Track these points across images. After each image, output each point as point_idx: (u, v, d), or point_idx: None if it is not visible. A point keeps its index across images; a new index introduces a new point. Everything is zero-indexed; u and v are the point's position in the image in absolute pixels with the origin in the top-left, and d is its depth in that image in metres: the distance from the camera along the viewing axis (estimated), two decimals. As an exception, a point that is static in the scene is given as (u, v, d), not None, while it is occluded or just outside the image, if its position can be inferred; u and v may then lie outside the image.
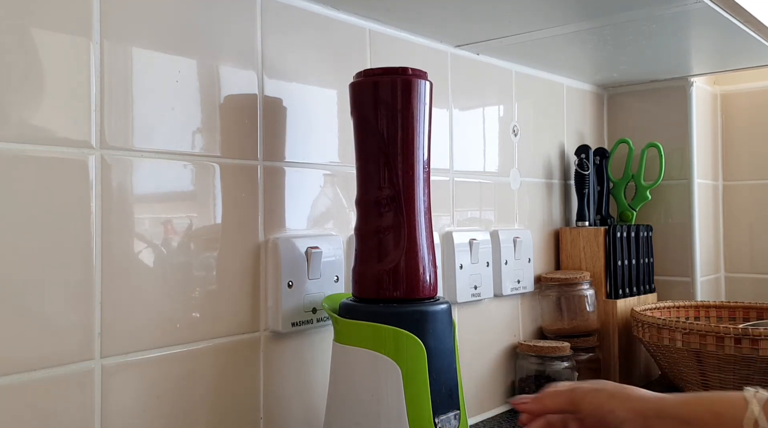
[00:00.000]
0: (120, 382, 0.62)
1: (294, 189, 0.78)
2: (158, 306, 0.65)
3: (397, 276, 0.67)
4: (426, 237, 0.68)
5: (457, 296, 0.98)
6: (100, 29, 0.61)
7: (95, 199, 0.60)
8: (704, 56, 1.19)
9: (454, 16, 0.88)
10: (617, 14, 0.90)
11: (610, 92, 1.42)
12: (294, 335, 0.77)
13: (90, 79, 0.60)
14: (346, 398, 0.67)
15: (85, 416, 0.59)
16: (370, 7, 0.84)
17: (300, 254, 0.76)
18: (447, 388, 0.66)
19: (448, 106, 1.01)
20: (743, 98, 1.48)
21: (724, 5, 0.88)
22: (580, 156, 1.25)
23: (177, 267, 0.66)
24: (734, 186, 1.49)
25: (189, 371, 0.67)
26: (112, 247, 0.61)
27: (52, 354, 0.57)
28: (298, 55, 0.79)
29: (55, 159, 0.58)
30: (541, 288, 1.17)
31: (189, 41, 0.68)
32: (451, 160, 1.02)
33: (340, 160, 0.84)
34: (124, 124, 0.63)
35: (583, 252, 1.21)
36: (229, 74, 0.72)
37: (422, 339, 0.64)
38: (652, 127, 1.38)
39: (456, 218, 1.02)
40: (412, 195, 0.68)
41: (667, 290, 1.35)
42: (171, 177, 0.66)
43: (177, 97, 0.67)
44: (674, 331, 1.02)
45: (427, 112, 0.69)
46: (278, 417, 0.75)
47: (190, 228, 0.68)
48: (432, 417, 0.64)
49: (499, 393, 1.09)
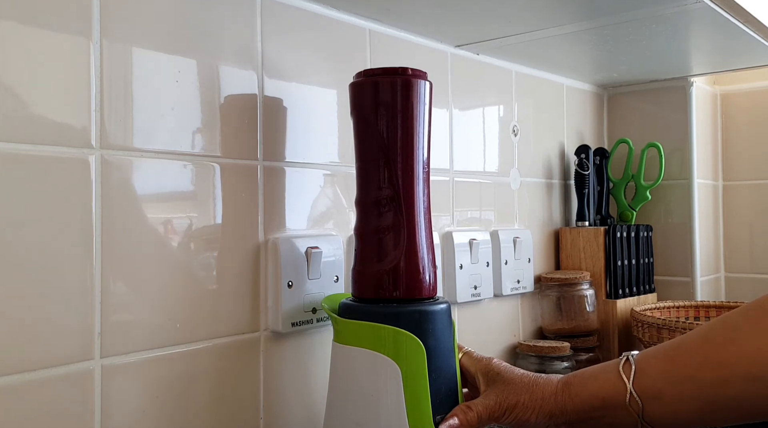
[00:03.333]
0: (120, 382, 0.62)
1: (294, 189, 0.78)
2: (158, 306, 0.65)
3: (397, 276, 0.67)
4: (426, 237, 0.68)
5: (457, 296, 0.98)
6: (100, 29, 0.61)
7: (95, 198, 0.60)
8: (704, 56, 1.19)
9: (454, 16, 0.88)
10: (617, 14, 0.90)
11: (610, 92, 1.42)
12: (294, 335, 0.77)
13: (90, 79, 0.60)
14: (346, 398, 0.67)
15: (85, 416, 0.59)
16: (370, 7, 0.84)
17: (300, 254, 0.76)
18: (447, 388, 0.66)
19: (448, 106, 1.01)
20: (743, 98, 1.48)
21: (724, 5, 0.88)
22: (580, 156, 1.25)
23: (177, 267, 0.66)
24: (734, 186, 1.49)
25: (189, 371, 0.67)
26: (112, 247, 0.61)
27: (52, 354, 0.57)
28: (298, 55, 0.79)
29: (55, 159, 0.58)
30: (541, 288, 1.17)
31: (189, 41, 0.68)
32: (451, 160, 1.02)
33: (340, 160, 0.84)
34: (124, 124, 0.63)
35: (583, 252, 1.21)
36: (229, 74, 0.72)
37: (422, 339, 0.64)
38: (652, 127, 1.38)
39: (456, 218, 1.02)
40: (412, 195, 0.68)
41: (667, 290, 1.35)
42: (171, 177, 0.66)
43: (177, 97, 0.67)
44: (674, 331, 1.02)
45: (427, 112, 0.69)
46: (278, 417, 0.75)
47: (190, 228, 0.68)
48: (432, 417, 0.64)
49: (499, 393, 1.08)
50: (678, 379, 0.59)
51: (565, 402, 0.64)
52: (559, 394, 0.64)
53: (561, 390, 0.64)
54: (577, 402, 0.63)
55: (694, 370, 0.58)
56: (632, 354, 0.62)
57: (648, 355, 0.62)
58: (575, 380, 0.65)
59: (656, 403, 0.60)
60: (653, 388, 0.60)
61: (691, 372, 0.58)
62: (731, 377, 0.56)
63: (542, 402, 0.64)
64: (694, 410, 0.58)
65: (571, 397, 0.64)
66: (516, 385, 0.66)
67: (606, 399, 0.62)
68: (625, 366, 0.61)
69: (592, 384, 0.63)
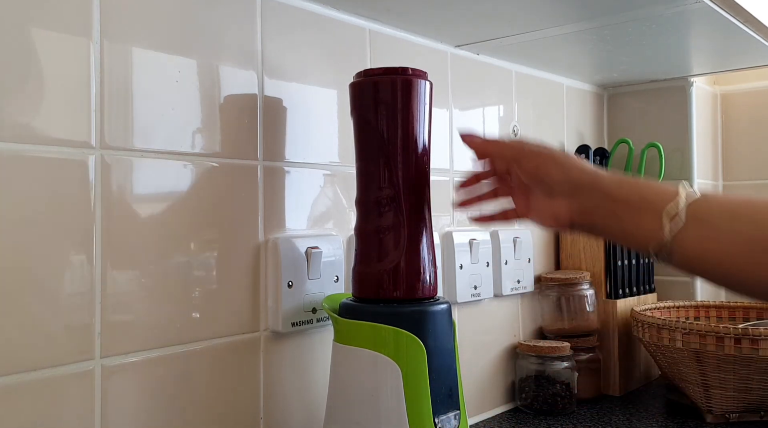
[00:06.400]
0: (120, 382, 0.62)
1: (294, 189, 0.78)
2: (158, 306, 0.65)
3: (397, 276, 0.67)
4: (426, 237, 0.68)
5: (457, 296, 0.98)
6: (100, 29, 0.61)
7: (95, 198, 0.60)
8: (704, 56, 1.19)
9: (454, 16, 0.88)
10: (617, 14, 0.90)
11: (610, 92, 1.42)
12: (294, 335, 0.77)
13: (90, 79, 0.60)
14: (346, 398, 0.67)
15: (85, 416, 0.59)
16: (370, 7, 0.84)
17: (300, 254, 0.76)
18: (447, 388, 0.66)
19: (448, 106, 1.01)
20: (743, 98, 1.48)
21: (724, 5, 0.88)
22: (580, 156, 1.25)
23: (177, 267, 0.66)
24: (734, 186, 1.49)
25: (189, 371, 0.67)
26: (112, 247, 0.61)
27: (52, 354, 0.57)
28: (298, 55, 0.79)
29: (55, 159, 0.58)
30: (541, 288, 1.17)
31: (189, 41, 0.68)
32: (451, 160, 1.02)
33: (340, 160, 0.84)
34: (124, 124, 0.63)
35: (583, 252, 1.21)
36: (229, 74, 0.72)
37: (422, 339, 0.64)
38: (652, 127, 1.37)
39: (456, 218, 1.02)
40: (412, 195, 0.68)
41: (667, 290, 1.35)
42: (171, 177, 0.66)
43: (177, 97, 0.67)
44: (674, 331, 1.02)
45: (427, 112, 0.69)
46: (278, 417, 0.75)
47: (190, 228, 0.68)
48: (432, 417, 0.64)
49: (499, 393, 1.09)
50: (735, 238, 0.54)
51: (590, 226, 0.61)
52: (595, 186, 0.61)
53: (591, 212, 0.61)
54: (602, 232, 0.61)
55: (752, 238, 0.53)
56: (689, 195, 0.56)
57: (711, 207, 0.56)
58: (605, 204, 0.60)
59: (690, 254, 0.55)
60: (692, 243, 0.55)
61: (751, 238, 0.53)
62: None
63: (576, 171, 0.62)
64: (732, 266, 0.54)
65: (594, 227, 0.61)
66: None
67: (637, 239, 0.58)
68: (675, 219, 0.55)
69: (629, 217, 0.59)
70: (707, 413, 1.04)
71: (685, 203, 0.56)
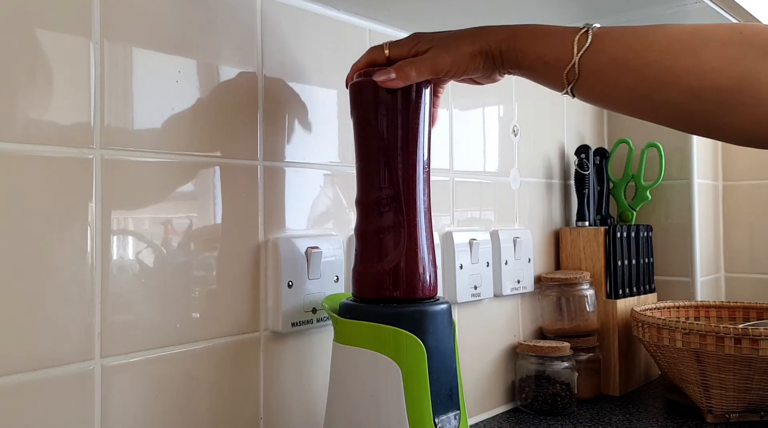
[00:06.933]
0: (120, 382, 0.62)
1: (294, 189, 0.78)
2: (158, 306, 0.65)
3: (397, 276, 0.67)
4: (426, 238, 0.68)
5: (457, 296, 0.98)
6: (100, 29, 0.61)
7: (95, 198, 0.60)
8: (704, 56, 1.18)
9: (454, 16, 0.88)
10: (617, 14, 0.90)
11: (610, 92, 1.42)
12: (294, 335, 0.77)
13: (90, 79, 0.60)
14: (346, 398, 0.67)
15: (85, 416, 0.59)
16: (370, 7, 0.84)
17: (300, 254, 0.76)
18: (447, 388, 0.66)
19: (448, 106, 1.01)
20: (743, 98, 1.48)
21: (723, 5, 0.88)
22: (580, 156, 1.25)
23: (177, 267, 0.66)
24: (734, 186, 1.49)
25: (189, 371, 0.67)
26: (112, 247, 0.61)
27: (52, 354, 0.57)
28: (298, 55, 0.79)
29: (55, 159, 0.58)
30: (541, 289, 1.17)
31: (189, 41, 0.68)
32: (451, 160, 1.02)
33: (340, 160, 0.84)
34: (124, 124, 0.63)
35: (583, 253, 1.21)
36: (229, 74, 0.72)
37: (422, 339, 0.64)
38: (652, 127, 1.36)
39: (456, 218, 1.02)
40: (412, 195, 0.68)
41: (667, 290, 1.35)
42: (171, 177, 0.66)
43: (177, 96, 0.67)
44: (674, 331, 1.02)
45: (428, 112, 0.69)
46: (278, 417, 0.75)
47: (190, 228, 0.68)
48: (432, 417, 0.64)
49: (499, 393, 1.09)
50: (625, 70, 0.58)
51: (507, 51, 0.64)
52: (503, 42, 0.64)
53: (508, 38, 0.64)
54: (519, 57, 0.64)
55: (644, 66, 0.57)
56: (594, 27, 0.61)
57: (611, 35, 0.60)
58: (524, 33, 0.64)
59: (592, 79, 0.60)
60: (596, 67, 0.60)
61: (641, 67, 0.58)
62: (674, 84, 0.56)
63: (482, 41, 0.65)
64: (622, 98, 0.60)
65: (514, 50, 0.64)
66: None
67: (548, 63, 0.62)
68: (581, 38, 0.60)
69: (541, 44, 0.63)
70: (707, 413, 1.04)
71: (577, 59, 0.60)
